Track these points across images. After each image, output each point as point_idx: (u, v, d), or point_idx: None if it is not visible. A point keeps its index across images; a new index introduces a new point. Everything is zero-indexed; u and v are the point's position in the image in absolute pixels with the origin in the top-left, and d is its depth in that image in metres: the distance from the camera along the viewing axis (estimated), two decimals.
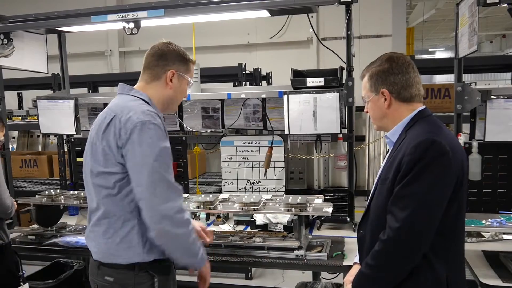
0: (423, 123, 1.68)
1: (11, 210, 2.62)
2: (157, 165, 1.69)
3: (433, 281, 1.59)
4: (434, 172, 1.53)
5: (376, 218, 1.70)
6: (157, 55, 1.90)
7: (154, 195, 1.68)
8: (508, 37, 16.75)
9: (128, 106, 1.78)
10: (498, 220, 2.44)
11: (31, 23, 3.16)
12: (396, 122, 1.74)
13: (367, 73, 1.78)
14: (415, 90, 1.72)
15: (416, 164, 1.54)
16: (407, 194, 1.55)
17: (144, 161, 1.68)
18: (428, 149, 1.54)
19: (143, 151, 1.69)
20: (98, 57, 8.08)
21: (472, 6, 2.39)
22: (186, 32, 3.95)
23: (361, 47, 7.01)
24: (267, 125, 3.39)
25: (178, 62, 1.91)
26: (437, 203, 1.55)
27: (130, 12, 2.81)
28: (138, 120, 1.71)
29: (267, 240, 2.54)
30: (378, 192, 1.72)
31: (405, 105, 1.72)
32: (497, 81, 14.15)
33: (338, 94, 2.77)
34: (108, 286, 1.81)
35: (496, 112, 2.61)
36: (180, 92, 1.96)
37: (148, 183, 1.68)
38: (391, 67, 1.71)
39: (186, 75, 1.94)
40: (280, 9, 2.79)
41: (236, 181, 3.32)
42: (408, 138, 1.64)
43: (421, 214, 1.54)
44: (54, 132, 3.77)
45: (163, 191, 1.69)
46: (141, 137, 1.69)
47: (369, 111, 1.81)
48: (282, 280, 4.43)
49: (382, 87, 1.72)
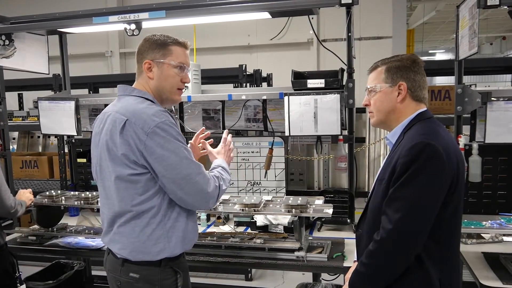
0: (420, 125, 1.69)
1: (14, 209, 2.61)
2: (184, 158, 1.77)
3: (425, 282, 1.61)
4: (428, 175, 1.55)
5: (372, 218, 1.73)
6: (137, 52, 1.91)
7: (196, 183, 1.79)
8: (508, 39, 16.77)
9: (138, 109, 1.77)
10: (498, 222, 2.45)
11: (32, 24, 3.17)
12: (400, 119, 1.76)
13: (384, 65, 1.78)
14: (426, 93, 1.77)
15: (410, 167, 1.56)
16: (401, 196, 1.58)
17: (171, 161, 1.74)
18: (422, 152, 1.56)
19: (166, 152, 1.73)
20: (98, 58, 8.10)
21: (473, 8, 2.40)
22: (187, 33, 3.95)
23: (362, 49, 7.01)
24: (268, 126, 3.39)
25: (152, 50, 1.86)
26: (430, 206, 1.57)
27: (132, 14, 2.82)
28: (154, 122, 1.72)
29: (268, 241, 2.55)
30: (375, 192, 1.75)
31: (414, 104, 1.75)
32: (497, 83, 14.17)
33: (338, 95, 2.77)
34: (133, 283, 1.82)
35: (496, 114, 2.61)
36: (165, 79, 1.88)
37: (183, 176, 1.76)
38: (413, 65, 1.74)
39: (165, 60, 1.86)
40: (281, 10, 2.79)
41: (237, 182, 3.32)
42: (405, 140, 1.66)
43: (414, 216, 1.56)
44: (55, 133, 3.77)
45: (199, 179, 1.80)
46: (161, 138, 1.73)
47: (374, 102, 1.80)
48: (283, 282, 4.43)
49: (401, 80, 1.73)
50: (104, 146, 1.81)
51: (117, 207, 1.83)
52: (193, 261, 2.49)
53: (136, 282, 1.81)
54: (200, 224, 3.08)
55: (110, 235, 1.88)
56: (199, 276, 4.40)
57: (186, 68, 1.92)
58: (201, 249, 2.54)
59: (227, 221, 3.15)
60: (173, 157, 1.74)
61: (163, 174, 1.75)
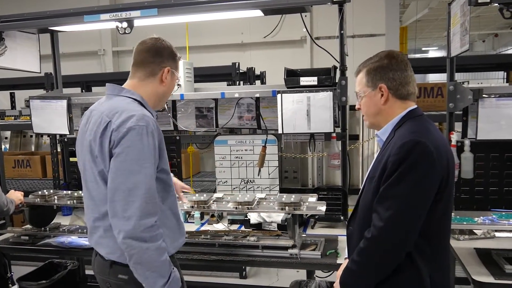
0: (411, 123, 1.69)
1: (7, 208, 2.60)
2: (138, 173, 1.68)
3: (415, 279, 1.62)
4: (418, 173, 1.55)
5: (363, 215, 1.73)
6: (153, 52, 1.87)
7: (132, 203, 1.67)
8: (500, 36, 16.85)
9: (122, 111, 1.73)
10: (490, 218, 2.47)
11: (23, 22, 3.14)
12: (389, 119, 1.75)
13: (364, 68, 1.78)
14: (412, 88, 1.74)
15: (400, 165, 1.56)
16: (391, 194, 1.58)
17: (124, 167, 1.67)
18: (412, 150, 1.56)
19: (130, 158, 1.67)
20: (91, 57, 8.05)
21: (464, 5, 2.41)
22: (179, 31, 3.95)
23: (355, 46, 7.02)
24: (261, 124, 3.39)
25: (172, 59, 1.92)
26: (421, 204, 1.58)
27: (123, 12, 2.81)
28: (132, 125, 1.68)
29: (261, 239, 2.55)
30: (365, 190, 1.75)
31: (400, 103, 1.73)
32: (490, 80, 14.25)
33: (331, 93, 2.78)
34: (122, 284, 1.80)
35: (488, 111, 2.63)
36: (170, 88, 1.96)
37: (126, 188, 1.67)
38: (390, 63, 1.72)
39: (176, 72, 1.96)
40: (273, 8, 2.79)
41: (230, 180, 3.32)
42: (395, 138, 1.66)
43: (404, 214, 1.57)
44: (47, 132, 3.75)
45: (140, 202, 1.67)
46: (131, 143, 1.67)
47: (362, 107, 1.81)
48: (277, 279, 4.43)
49: (380, 82, 1.72)
50: (88, 147, 1.79)
51: (100, 208, 1.80)
52: (187, 259, 2.49)
53: (125, 283, 1.79)
54: (194, 223, 3.08)
55: (95, 237, 1.86)
56: (194, 275, 4.40)
57: None
58: (195, 248, 2.54)
59: (221, 219, 3.15)
60: (129, 164, 1.67)
61: (112, 178, 1.69)
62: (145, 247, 1.65)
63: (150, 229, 1.66)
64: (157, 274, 1.69)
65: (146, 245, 1.65)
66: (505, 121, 2.61)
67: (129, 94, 1.84)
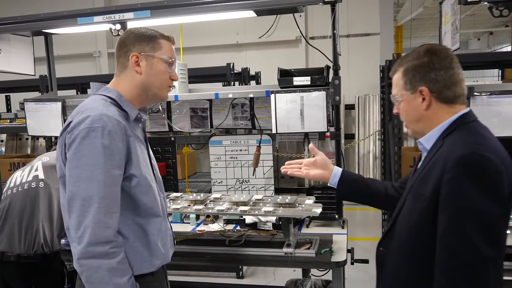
0: (464, 131, 1.42)
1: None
2: (89, 179, 1.51)
3: None
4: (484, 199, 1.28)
5: (406, 238, 1.47)
6: (118, 45, 1.74)
7: (87, 213, 1.50)
8: (495, 34, 16.94)
9: (83, 110, 1.58)
10: None
11: (17, 25, 3.13)
12: (433, 126, 1.48)
13: (401, 68, 1.52)
14: (459, 89, 1.46)
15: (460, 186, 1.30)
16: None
17: (75, 173, 1.51)
18: (476, 167, 1.30)
19: (83, 163, 1.51)
20: (86, 59, 8.07)
21: (454, 4, 2.43)
22: (174, 32, 3.94)
23: (350, 46, 7.07)
24: (256, 124, 3.40)
25: (139, 42, 1.70)
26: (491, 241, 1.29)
27: (117, 14, 2.81)
28: (84, 126, 1.52)
29: (257, 238, 2.56)
30: (409, 209, 1.48)
31: (446, 107, 1.46)
32: (485, 78, 14.31)
33: (324, 92, 2.79)
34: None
35: (479, 109, 2.64)
36: (155, 75, 1.71)
37: (80, 197, 1.52)
38: (431, 61, 1.45)
39: (154, 53, 1.71)
40: (266, 9, 2.80)
41: (226, 181, 3.33)
42: (447, 148, 1.39)
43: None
44: (42, 135, 3.75)
45: (95, 213, 1.50)
46: (82, 146, 1.51)
47: (401, 113, 1.56)
48: (274, 279, 4.45)
49: (420, 84, 1.46)
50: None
51: (66, 217, 1.62)
52: (183, 260, 2.50)
53: None
54: (190, 223, 3.09)
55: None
56: (191, 275, 4.42)
57: (175, 64, 1.79)
58: (191, 248, 2.56)
59: (216, 219, 3.16)
60: (81, 170, 1.50)
61: (66, 185, 1.53)
62: (96, 264, 1.46)
63: (104, 245, 1.47)
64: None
65: (97, 262, 1.46)
66: (497, 118, 2.62)
67: (105, 92, 1.69)
